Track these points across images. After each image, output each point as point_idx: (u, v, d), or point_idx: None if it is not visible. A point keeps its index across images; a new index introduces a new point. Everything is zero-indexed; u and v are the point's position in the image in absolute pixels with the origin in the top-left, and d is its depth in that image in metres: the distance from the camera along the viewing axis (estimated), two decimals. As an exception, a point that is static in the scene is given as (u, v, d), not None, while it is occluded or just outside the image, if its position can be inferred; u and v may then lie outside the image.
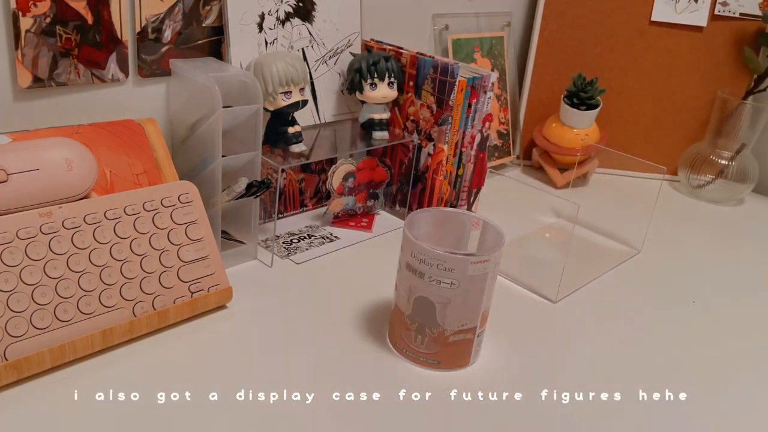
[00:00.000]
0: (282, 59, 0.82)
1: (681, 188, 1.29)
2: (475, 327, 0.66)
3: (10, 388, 0.58)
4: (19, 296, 0.58)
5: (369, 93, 0.91)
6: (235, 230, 0.86)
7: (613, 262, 0.95)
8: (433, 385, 0.65)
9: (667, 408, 0.65)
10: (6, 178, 0.60)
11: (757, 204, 1.26)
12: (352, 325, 0.73)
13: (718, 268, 0.97)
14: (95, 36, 0.74)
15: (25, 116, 0.73)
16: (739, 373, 0.72)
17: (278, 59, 0.82)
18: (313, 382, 0.63)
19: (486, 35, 1.24)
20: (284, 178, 0.96)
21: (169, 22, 0.79)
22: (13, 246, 0.59)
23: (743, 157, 1.21)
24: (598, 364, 0.71)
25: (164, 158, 0.76)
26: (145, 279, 0.66)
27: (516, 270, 0.89)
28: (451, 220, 0.72)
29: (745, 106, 1.19)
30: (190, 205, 0.71)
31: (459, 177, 1.00)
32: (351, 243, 0.92)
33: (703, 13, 1.23)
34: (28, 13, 0.68)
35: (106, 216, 0.65)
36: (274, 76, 0.81)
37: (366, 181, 0.98)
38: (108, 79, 0.77)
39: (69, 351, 0.61)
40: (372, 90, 0.91)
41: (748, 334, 0.80)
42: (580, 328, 0.78)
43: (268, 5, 0.87)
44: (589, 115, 1.20)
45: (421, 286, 0.64)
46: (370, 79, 0.91)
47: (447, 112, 0.93)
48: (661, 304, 0.85)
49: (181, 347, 0.66)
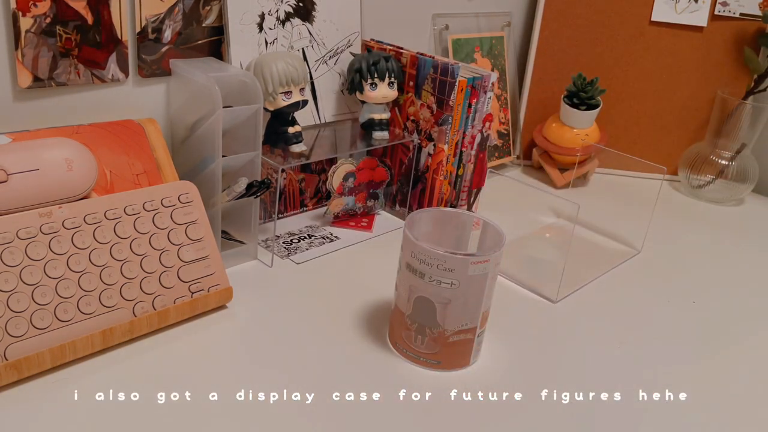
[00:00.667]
0: (282, 59, 0.82)
1: (681, 188, 1.29)
2: (476, 327, 0.66)
3: (10, 388, 0.58)
4: (19, 296, 0.58)
5: (369, 93, 0.91)
6: (235, 230, 0.86)
7: (613, 262, 0.95)
8: (433, 385, 0.65)
9: (667, 408, 0.65)
10: (6, 178, 0.60)
11: (757, 204, 1.26)
12: (352, 325, 0.73)
13: (718, 268, 0.97)
14: (95, 36, 0.74)
15: (25, 116, 0.72)
16: (740, 373, 0.72)
17: (278, 59, 0.82)
18: (313, 382, 0.63)
19: (486, 35, 1.24)
20: (284, 178, 0.96)
21: (169, 22, 0.79)
22: (13, 246, 0.59)
23: (743, 157, 1.21)
24: (598, 364, 0.71)
25: (164, 158, 0.76)
26: (145, 279, 0.66)
27: (516, 270, 0.89)
28: (451, 220, 0.72)
29: (745, 106, 1.19)
30: (190, 205, 0.71)
31: (459, 177, 1.00)
32: (351, 243, 0.92)
33: (703, 13, 1.23)
34: (28, 13, 0.68)
35: (106, 216, 0.65)
36: (274, 75, 0.81)
37: (366, 181, 0.98)
38: (108, 79, 0.77)
39: (69, 351, 0.61)
40: (372, 90, 0.91)
41: (749, 334, 0.80)
42: (580, 328, 0.78)
43: (268, 5, 0.87)
44: (589, 115, 1.20)
45: (422, 286, 0.64)
46: (371, 79, 0.91)
47: (447, 112, 0.93)
48: (661, 304, 0.85)
49: (181, 347, 0.66)
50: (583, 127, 1.21)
